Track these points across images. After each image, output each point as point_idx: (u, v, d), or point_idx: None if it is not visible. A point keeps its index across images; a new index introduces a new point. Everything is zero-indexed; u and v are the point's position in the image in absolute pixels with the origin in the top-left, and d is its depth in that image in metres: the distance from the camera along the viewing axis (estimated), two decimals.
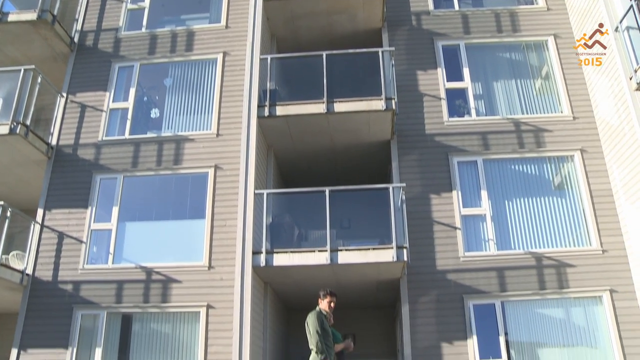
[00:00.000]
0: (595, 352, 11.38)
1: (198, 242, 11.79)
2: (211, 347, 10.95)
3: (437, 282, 11.64)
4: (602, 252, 11.81)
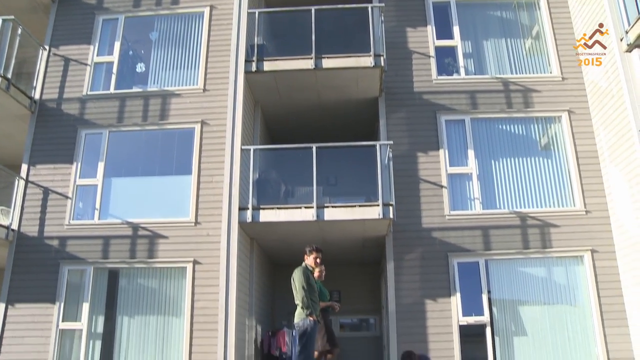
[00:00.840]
0: (575, 310, 11.61)
1: (184, 198, 11.75)
2: (198, 302, 11.03)
3: (423, 240, 11.74)
4: (585, 213, 11.94)
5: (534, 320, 11.60)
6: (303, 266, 7.34)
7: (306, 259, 7.51)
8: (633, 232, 11.04)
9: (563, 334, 11.47)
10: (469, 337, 11.38)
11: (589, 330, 11.38)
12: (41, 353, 10.96)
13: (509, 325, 11.52)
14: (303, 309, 6.94)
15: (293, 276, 7.19)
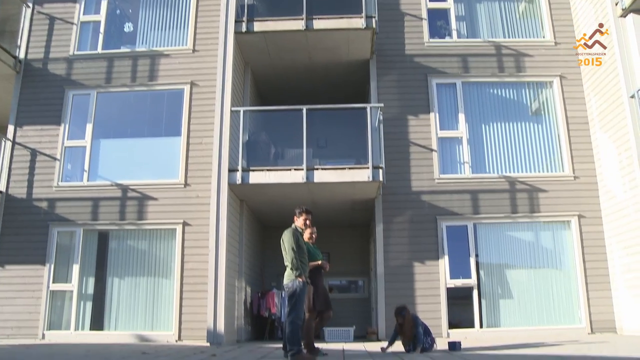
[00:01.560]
0: (560, 274, 11.77)
1: (174, 159, 11.73)
2: (187, 264, 11.10)
3: (412, 202, 11.80)
4: (574, 179, 12.01)
5: (520, 284, 11.77)
6: (293, 228, 7.33)
7: (296, 221, 7.51)
8: (620, 198, 11.14)
9: (548, 297, 11.65)
10: (456, 300, 11.54)
11: (573, 293, 11.56)
12: (32, 314, 11.05)
13: (496, 288, 11.67)
14: (292, 270, 6.94)
15: (282, 238, 7.18)
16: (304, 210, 7.55)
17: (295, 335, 6.83)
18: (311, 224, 7.69)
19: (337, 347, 9.38)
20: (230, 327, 10.70)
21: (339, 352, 8.02)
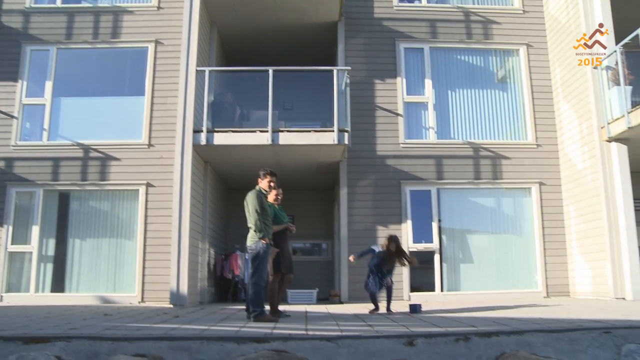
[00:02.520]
0: (519, 240, 12.04)
1: (137, 119, 11.51)
2: (150, 225, 10.99)
3: (376, 167, 11.86)
4: (536, 147, 12.21)
5: (480, 249, 12.00)
6: (256, 190, 7.27)
7: (260, 183, 7.45)
8: (579, 167, 11.38)
9: (507, 262, 11.93)
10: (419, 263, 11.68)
11: (531, 259, 11.86)
12: None
13: (457, 253, 11.88)
14: (255, 232, 6.93)
15: (246, 199, 7.13)
16: (268, 172, 7.49)
17: (258, 296, 6.85)
18: (275, 186, 7.65)
19: (300, 309, 9.46)
20: (194, 288, 10.70)
21: (301, 314, 8.09)
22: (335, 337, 4.95)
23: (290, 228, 7.83)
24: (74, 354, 4.54)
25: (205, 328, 5.66)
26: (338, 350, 4.73)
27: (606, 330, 5.18)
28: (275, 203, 7.75)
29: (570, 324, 5.57)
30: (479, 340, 4.93)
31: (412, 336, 4.97)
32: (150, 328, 5.68)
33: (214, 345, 4.71)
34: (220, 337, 4.87)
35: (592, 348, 4.92)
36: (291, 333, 5.17)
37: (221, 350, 4.66)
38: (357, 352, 4.71)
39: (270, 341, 4.79)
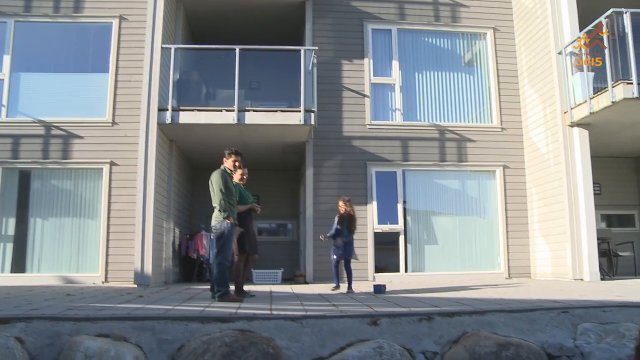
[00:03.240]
0: (483, 222, 12.24)
1: (101, 97, 11.26)
2: (114, 204, 10.82)
3: (342, 147, 11.88)
4: (501, 130, 12.36)
5: (445, 230, 12.16)
6: (221, 169, 7.21)
7: (225, 162, 7.38)
8: (542, 151, 11.57)
9: (471, 244, 12.13)
10: (383, 244, 11.82)
11: (494, 240, 12.08)
12: None
13: (422, 234, 12.02)
14: (220, 212, 6.90)
15: (211, 179, 7.07)
16: (233, 151, 7.42)
17: (222, 276, 6.84)
18: (241, 165, 7.61)
19: (265, 289, 9.48)
20: (158, 268, 10.61)
21: (266, 294, 8.10)
22: (300, 316, 4.98)
23: (255, 208, 7.81)
24: (35, 334, 4.48)
25: (170, 308, 5.63)
26: (302, 329, 4.77)
27: (564, 310, 5.32)
28: (241, 183, 7.72)
29: (530, 305, 5.71)
30: (441, 320, 5.01)
31: (376, 316, 5.03)
32: (113, 308, 5.63)
33: (179, 325, 4.70)
34: (184, 317, 4.85)
35: (551, 327, 5.06)
36: (256, 313, 5.19)
37: (185, 330, 4.65)
38: (321, 332, 4.75)
39: (234, 321, 4.80)
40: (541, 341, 4.84)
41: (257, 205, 7.92)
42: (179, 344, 4.50)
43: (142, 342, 4.49)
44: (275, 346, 4.46)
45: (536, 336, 4.93)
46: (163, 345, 4.49)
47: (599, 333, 4.97)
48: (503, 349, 4.52)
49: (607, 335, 4.94)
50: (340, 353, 4.49)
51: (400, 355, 4.48)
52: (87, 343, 4.18)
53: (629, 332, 4.94)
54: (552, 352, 4.73)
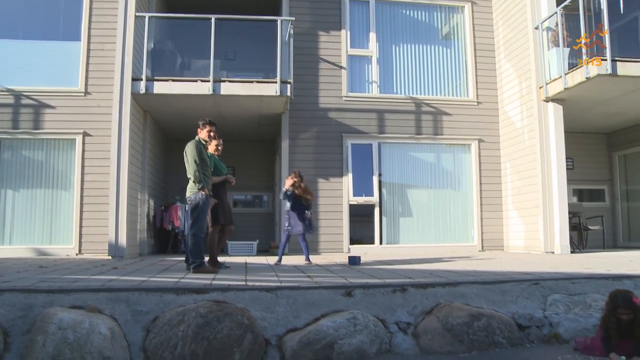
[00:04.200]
0: (458, 195, 12.35)
1: (73, 66, 10.96)
2: (87, 176, 10.64)
3: (319, 119, 11.85)
4: (477, 104, 12.42)
5: (419, 203, 12.25)
6: (196, 140, 7.12)
7: (199, 133, 7.29)
8: (517, 125, 11.67)
9: (445, 217, 12.25)
10: (358, 217, 11.89)
11: (468, 214, 12.22)
12: None
13: (397, 207, 12.09)
14: (195, 183, 6.84)
15: (185, 150, 6.98)
16: (207, 122, 7.33)
17: (197, 248, 6.81)
18: (216, 135, 7.53)
19: (240, 260, 9.49)
20: (133, 240, 10.56)
21: (241, 266, 8.12)
22: (275, 287, 5.01)
23: (230, 180, 7.77)
24: (7, 307, 4.43)
25: (144, 279, 5.61)
26: (277, 300, 4.79)
27: (534, 282, 5.43)
28: (216, 154, 7.66)
29: (502, 277, 5.81)
30: (415, 292, 5.08)
31: (351, 287, 5.07)
32: (87, 280, 5.59)
33: (153, 296, 4.69)
34: (159, 288, 4.84)
35: (521, 298, 5.16)
36: (230, 284, 5.20)
37: (160, 301, 4.65)
38: (296, 303, 4.79)
39: (209, 292, 4.81)
40: (512, 312, 4.95)
41: (231, 176, 7.88)
42: (153, 315, 4.50)
43: (117, 313, 4.47)
44: (250, 317, 4.48)
45: (507, 307, 5.02)
46: (138, 316, 4.48)
47: (567, 304, 5.09)
48: (475, 319, 4.60)
49: (575, 306, 5.06)
50: (315, 324, 4.54)
51: (374, 325, 4.54)
52: (61, 315, 4.15)
53: (596, 302, 5.07)
54: (522, 323, 4.83)
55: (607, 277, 5.75)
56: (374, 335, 4.45)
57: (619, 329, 4.09)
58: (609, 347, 4.08)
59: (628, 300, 4.10)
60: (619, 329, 4.09)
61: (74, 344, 3.93)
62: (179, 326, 4.25)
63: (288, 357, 4.28)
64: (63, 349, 3.89)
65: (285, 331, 4.53)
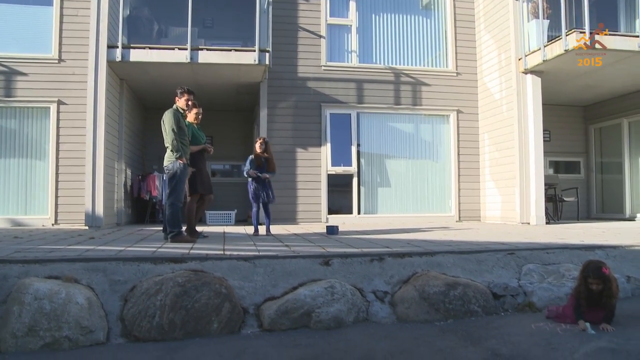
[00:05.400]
0: (436, 166, 12.42)
1: (45, 31, 10.72)
2: (63, 145, 10.51)
3: (297, 88, 11.77)
4: (456, 75, 12.42)
5: (398, 173, 12.29)
6: (174, 108, 6.99)
7: (177, 101, 7.16)
8: (496, 97, 11.71)
9: (423, 187, 12.32)
10: (337, 186, 11.92)
11: (446, 184, 12.31)
12: None
13: (375, 177, 12.13)
14: (172, 152, 6.75)
15: (163, 119, 6.86)
16: (185, 90, 7.19)
17: (175, 217, 6.76)
18: (195, 104, 7.42)
19: (218, 230, 9.49)
20: (110, 210, 10.47)
21: (219, 235, 8.11)
22: (253, 257, 5.01)
23: (208, 149, 7.69)
24: None
25: (122, 249, 5.58)
26: (255, 269, 4.81)
27: (510, 252, 5.51)
28: (196, 122, 7.56)
29: (478, 247, 5.88)
30: (392, 261, 5.12)
31: (328, 256, 5.10)
32: (64, 250, 5.55)
33: (131, 266, 4.67)
34: (136, 257, 4.82)
35: (497, 268, 5.24)
36: (208, 253, 5.19)
37: (138, 271, 4.63)
38: (274, 272, 4.80)
39: (187, 261, 4.80)
40: (488, 281, 5.02)
41: (210, 145, 7.80)
42: (131, 284, 4.48)
43: (94, 283, 4.45)
44: (228, 286, 4.49)
45: (483, 276, 5.10)
46: (115, 286, 4.46)
47: (541, 273, 5.18)
48: (451, 288, 4.66)
49: (548, 276, 5.15)
50: (293, 292, 4.56)
51: (352, 294, 4.58)
52: (37, 285, 4.11)
53: (569, 272, 5.17)
54: (497, 292, 4.91)
55: (580, 247, 5.87)
56: (351, 304, 4.49)
57: (588, 297, 4.18)
58: (579, 315, 4.18)
59: (598, 271, 4.19)
60: (588, 297, 4.18)
61: (50, 314, 3.91)
62: (157, 295, 4.24)
63: (266, 325, 4.31)
64: (39, 319, 3.87)
65: (263, 300, 4.55)
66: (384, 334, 4.09)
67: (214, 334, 4.15)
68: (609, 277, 4.17)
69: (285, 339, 3.97)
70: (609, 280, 4.16)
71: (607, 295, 4.15)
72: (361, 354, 3.53)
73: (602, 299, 4.15)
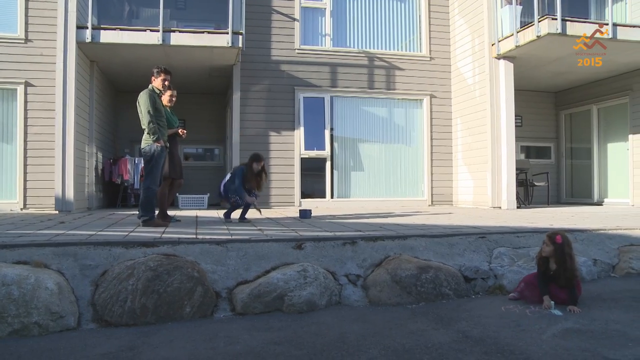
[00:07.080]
0: (409, 149, 12.49)
1: (10, 10, 10.44)
2: (31, 128, 10.29)
3: (270, 72, 11.70)
4: (430, 59, 12.45)
5: (371, 157, 12.34)
6: (149, 89, 6.76)
7: (153, 81, 6.93)
8: (468, 82, 11.79)
9: (396, 172, 12.39)
10: (310, 171, 11.92)
11: (419, 169, 12.40)
12: None
13: (348, 161, 12.16)
14: (150, 135, 6.60)
15: (138, 100, 6.64)
16: (162, 69, 6.96)
17: (149, 201, 6.62)
18: (170, 86, 7.25)
19: (191, 214, 9.43)
20: (80, 194, 10.31)
21: (192, 219, 8.06)
22: (225, 240, 5.00)
23: (181, 133, 7.58)
24: None
25: (93, 233, 5.52)
26: (227, 253, 4.79)
27: (481, 236, 5.58)
28: (169, 105, 7.43)
29: (450, 230, 5.95)
30: (365, 245, 5.15)
31: (301, 240, 5.11)
32: (33, 234, 5.46)
33: (102, 250, 4.62)
34: (107, 242, 4.77)
35: (469, 252, 5.30)
36: (181, 237, 5.16)
37: (109, 255, 4.58)
38: (246, 256, 4.80)
39: (159, 245, 4.76)
40: (459, 264, 5.08)
41: (182, 129, 7.69)
42: (102, 269, 4.43)
43: (64, 268, 4.39)
44: (200, 270, 4.47)
45: (454, 260, 5.16)
46: (86, 270, 4.41)
47: (511, 257, 5.26)
48: (423, 271, 4.71)
49: (518, 259, 5.23)
50: (265, 276, 4.56)
51: (324, 278, 4.60)
52: (5, 270, 4.04)
53: None
54: (468, 275, 4.97)
55: (549, 230, 5.96)
56: (323, 287, 4.51)
57: (540, 262, 4.43)
58: (544, 286, 4.33)
59: (551, 236, 4.39)
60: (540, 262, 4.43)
61: (19, 299, 3.84)
62: (129, 280, 4.21)
63: (238, 309, 4.31)
64: (7, 306, 3.80)
65: (235, 284, 4.54)
66: (356, 317, 4.12)
67: (186, 318, 4.13)
68: (560, 245, 4.30)
69: (258, 323, 3.98)
70: (561, 248, 4.31)
71: (563, 268, 4.26)
72: (333, 337, 3.55)
73: (561, 278, 4.26)
